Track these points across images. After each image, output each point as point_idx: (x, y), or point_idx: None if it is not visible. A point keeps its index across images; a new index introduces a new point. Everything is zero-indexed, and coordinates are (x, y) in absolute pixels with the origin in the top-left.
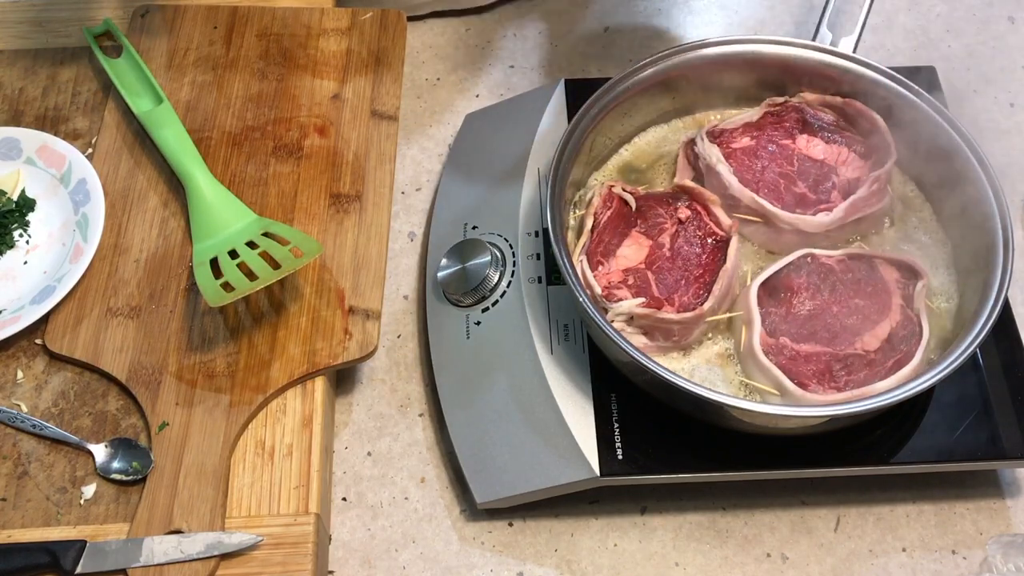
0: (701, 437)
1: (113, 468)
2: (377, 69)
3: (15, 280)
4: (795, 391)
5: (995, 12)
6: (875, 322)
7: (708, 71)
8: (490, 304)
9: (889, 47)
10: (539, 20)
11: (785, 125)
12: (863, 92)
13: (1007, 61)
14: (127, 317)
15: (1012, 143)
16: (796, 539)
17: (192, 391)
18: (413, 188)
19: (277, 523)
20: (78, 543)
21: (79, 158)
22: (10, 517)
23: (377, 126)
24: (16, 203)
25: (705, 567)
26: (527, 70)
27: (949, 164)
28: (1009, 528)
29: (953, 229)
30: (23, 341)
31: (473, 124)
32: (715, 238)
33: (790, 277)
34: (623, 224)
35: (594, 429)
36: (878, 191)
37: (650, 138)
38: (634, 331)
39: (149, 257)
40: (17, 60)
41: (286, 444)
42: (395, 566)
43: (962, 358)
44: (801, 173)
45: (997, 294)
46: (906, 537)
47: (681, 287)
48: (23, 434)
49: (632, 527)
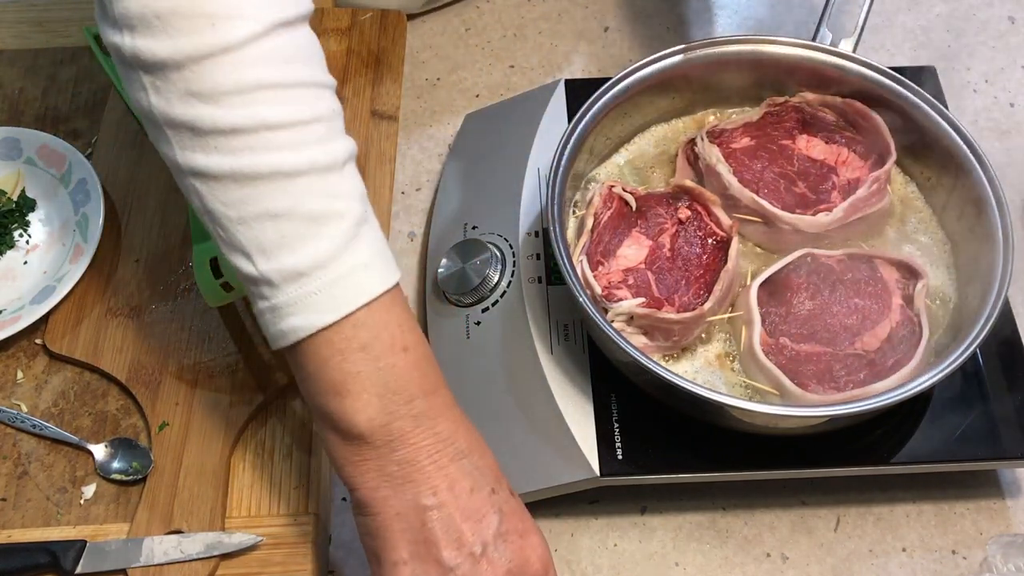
0: (701, 437)
1: (113, 468)
2: (377, 69)
3: (15, 280)
4: (795, 391)
5: (995, 12)
6: (875, 322)
7: (708, 71)
8: (490, 304)
9: (889, 47)
10: (539, 20)
11: (785, 125)
12: (863, 92)
13: (1007, 61)
14: (127, 317)
15: (1012, 143)
16: (796, 539)
17: (192, 391)
18: (413, 188)
19: (277, 523)
20: (78, 543)
21: (79, 158)
22: (10, 517)
23: (377, 126)
24: (16, 203)
25: (705, 567)
26: (527, 70)
27: (949, 164)
28: (1009, 528)
29: (953, 229)
30: (23, 341)
31: (473, 124)
32: (715, 238)
33: (790, 277)
34: (623, 224)
35: (594, 429)
36: (878, 191)
37: (650, 138)
38: (634, 331)
39: (149, 257)
40: (17, 60)
41: (286, 444)
42: None
43: (962, 358)
44: (801, 173)
45: (997, 294)
46: (906, 537)
47: (681, 287)
48: (23, 434)
49: (632, 527)
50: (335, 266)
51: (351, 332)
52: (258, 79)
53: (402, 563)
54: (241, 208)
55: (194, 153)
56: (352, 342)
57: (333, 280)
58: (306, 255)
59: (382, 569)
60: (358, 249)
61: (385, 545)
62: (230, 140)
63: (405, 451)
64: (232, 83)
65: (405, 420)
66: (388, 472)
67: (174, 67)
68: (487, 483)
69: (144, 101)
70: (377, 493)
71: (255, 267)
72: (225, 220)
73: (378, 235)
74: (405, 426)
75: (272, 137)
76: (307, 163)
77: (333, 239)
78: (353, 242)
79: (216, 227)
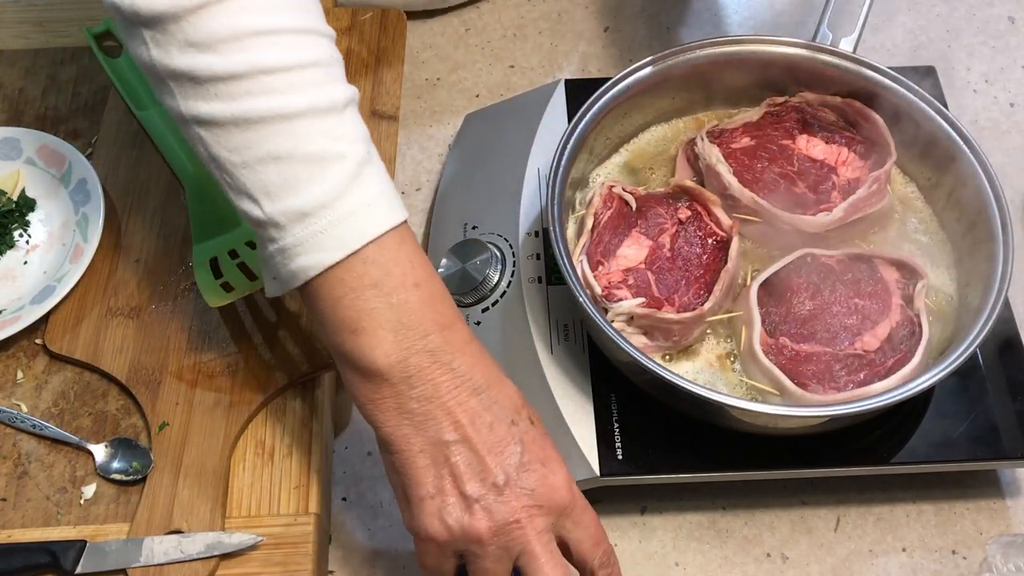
0: (701, 437)
1: (113, 468)
2: (377, 69)
3: (15, 280)
4: (795, 391)
5: (995, 12)
6: (875, 322)
7: (708, 71)
8: (490, 304)
9: (889, 47)
10: (539, 20)
11: (785, 125)
12: (863, 92)
13: (1007, 61)
14: (127, 317)
15: (1012, 143)
16: (796, 539)
17: (192, 391)
18: (413, 188)
19: (277, 523)
20: (78, 543)
21: (79, 158)
22: (10, 517)
23: (377, 126)
24: (16, 203)
25: (705, 567)
26: (527, 70)
27: (949, 164)
28: (1009, 528)
29: (953, 229)
30: (23, 341)
31: (473, 124)
32: (715, 238)
33: (790, 277)
34: (623, 224)
35: (594, 429)
36: (878, 191)
37: (650, 138)
38: (634, 331)
39: (149, 257)
40: (17, 60)
41: (286, 444)
42: (395, 566)
43: (962, 358)
44: (801, 173)
45: (997, 294)
46: (906, 537)
47: (681, 287)
48: (23, 434)
49: (632, 527)
50: (339, 205)
51: (361, 269)
52: (252, 25)
53: (429, 498)
54: (244, 153)
55: (196, 102)
56: (363, 279)
57: (338, 219)
58: (310, 195)
59: (409, 505)
60: (362, 189)
61: (410, 482)
62: (229, 86)
63: (423, 387)
64: (227, 30)
65: (421, 355)
66: (408, 409)
67: (172, 19)
68: (507, 415)
69: (145, 56)
70: (399, 431)
71: (261, 210)
72: (229, 166)
73: (382, 176)
74: (422, 361)
75: (269, 81)
76: (305, 106)
77: (336, 179)
78: (356, 182)
79: (222, 173)
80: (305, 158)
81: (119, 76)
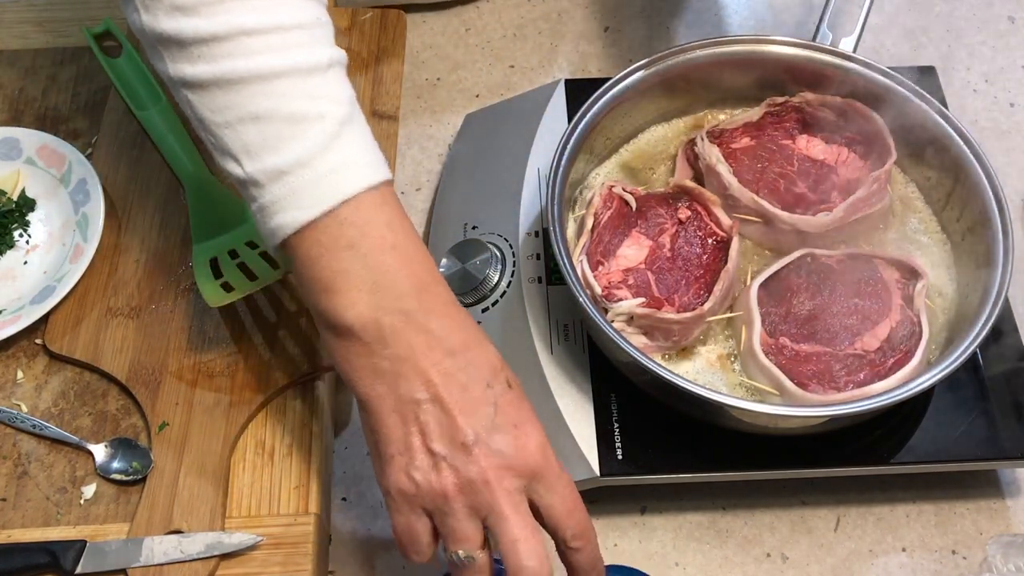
0: (701, 437)
1: (113, 468)
2: (377, 69)
3: (15, 280)
4: (795, 391)
5: (995, 12)
6: (875, 322)
7: (708, 71)
8: (490, 304)
9: (889, 47)
10: (539, 20)
11: (785, 125)
12: (863, 92)
13: (1007, 61)
14: (127, 317)
15: (1012, 143)
16: (796, 539)
17: (192, 391)
18: (413, 188)
19: (277, 523)
20: (78, 543)
21: (79, 158)
22: (10, 517)
23: (377, 126)
24: (16, 203)
25: (705, 567)
26: (527, 70)
27: (949, 164)
28: (1009, 528)
29: (953, 229)
30: (23, 341)
31: (473, 124)
32: (715, 238)
33: (790, 277)
34: (623, 224)
35: (594, 429)
36: (878, 191)
37: (650, 138)
38: (634, 331)
39: (149, 257)
40: (17, 60)
41: (286, 444)
42: (395, 566)
43: (962, 358)
44: (801, 173)
45: (997, 294)
46: (906, 537)
47: (681, 287)
48: (23, 434)
49: (632, 527)
50: (316, 164)
51: (337, 231)
52: None
53: (398, 455)
54: (227, 113)
55: (182, 64)
56: (339, 240)
57: (315, 178)
58: (288, 154)
59: (381, 463)
60: (342, 148)
61: (381, 439)
62: (211, 48)
63: (396, 347)
64: None
65: (395, 316)
66: (381, 369)
67: None
68: (482, 377)
69: (137, 22)
70: (373, 390)
71: (242, 168)
72: (213, 126)
73: (365, 136)
74: (395, 322)
75: (249, 43)
76: (286, 66)
77: (314, 139)
78: (336, 142)
79: (207, 134)
80: (285, 118)
81: (119, 76)
